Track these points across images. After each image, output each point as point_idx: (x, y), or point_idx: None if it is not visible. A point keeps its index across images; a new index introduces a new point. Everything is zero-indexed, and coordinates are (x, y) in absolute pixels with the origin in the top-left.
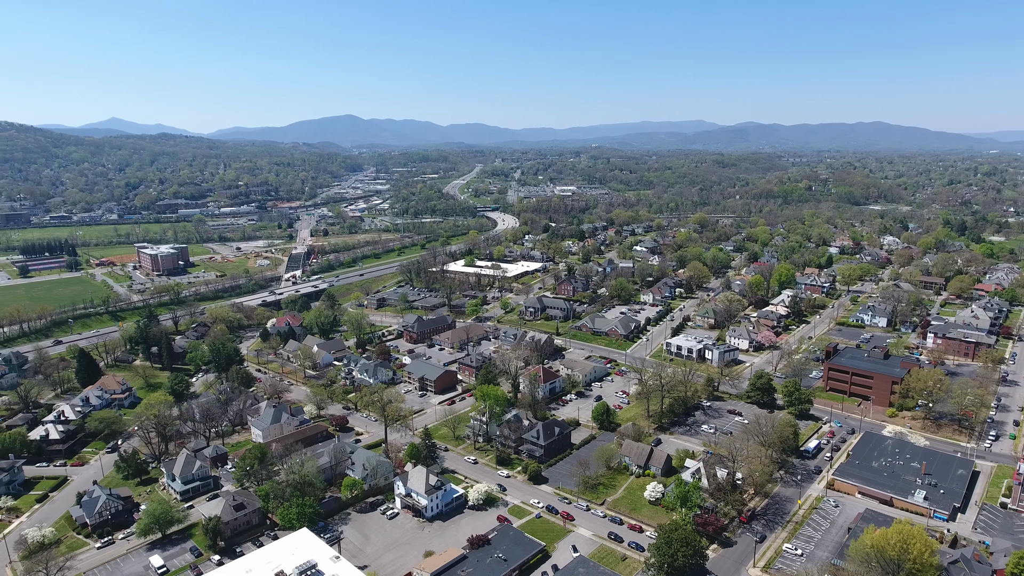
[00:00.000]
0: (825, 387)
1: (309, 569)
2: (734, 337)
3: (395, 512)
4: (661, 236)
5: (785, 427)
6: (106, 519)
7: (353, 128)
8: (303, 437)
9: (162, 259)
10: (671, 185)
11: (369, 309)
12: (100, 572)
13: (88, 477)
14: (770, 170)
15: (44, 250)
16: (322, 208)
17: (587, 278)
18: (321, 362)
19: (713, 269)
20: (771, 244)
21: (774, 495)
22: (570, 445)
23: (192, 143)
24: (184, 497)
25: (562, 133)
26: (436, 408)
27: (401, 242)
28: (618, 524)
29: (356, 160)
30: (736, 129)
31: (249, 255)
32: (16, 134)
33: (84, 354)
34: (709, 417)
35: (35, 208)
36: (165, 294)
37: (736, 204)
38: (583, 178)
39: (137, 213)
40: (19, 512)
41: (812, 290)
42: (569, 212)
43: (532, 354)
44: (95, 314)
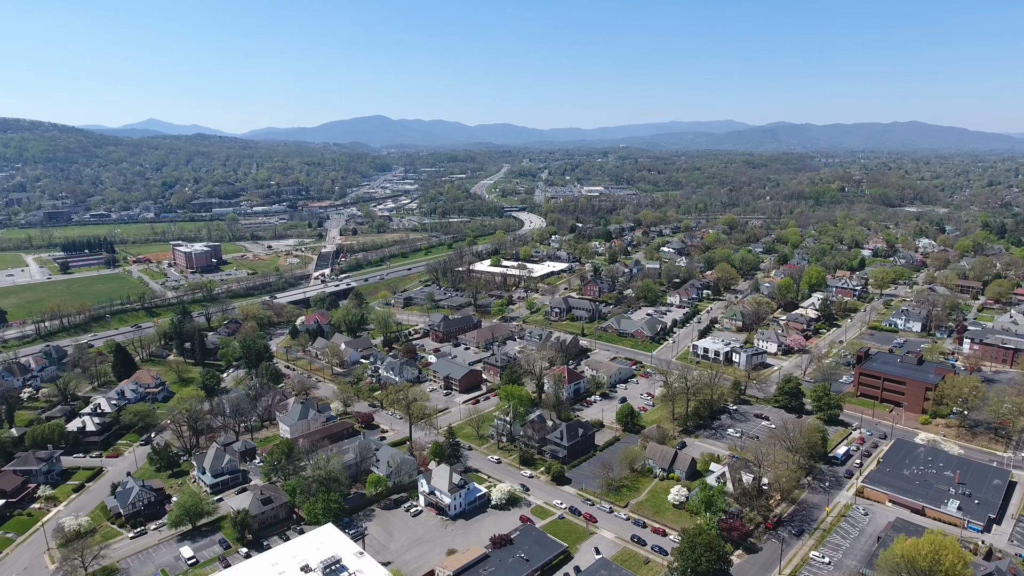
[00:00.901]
0: (856, 392)
1: (333, 564)
2: (762, 340)
3: (419, 510)
4: (689, 237)
5: (813, 432)
6: (139, 510)
7: (382, 128)
8: (329, 433)
9: (196, 257)
10: (700, 186)
11: (396, 308)
12: (133, 561)
13: (122, 468)
14: (801, 171)
15: (84, 247)
16: (351, 207)
17: (613, 279)
18: (348, 360)
19: (741, 271)
20: (802, 246)
21: (801, 501)
22: (594, 446)
23: (226, 143)
24: (214, 490)
25: (590, 133)
26: (460, 407)
27: (428, 241)
28: (641, 527)
29: (385, 160)
30: (767, 129)
31: (280, 253)
32: (59, 134)
33: (120, 349)
34: (735, 421)
35: (76, 206)
36: (198, 291)
37: (766, 205)
38: (611, 178)
39: (173, 212)
40: (57, 501)
41: (843, 293)
42: (596, 212)
43: (557, 355)
44: (131, 310)
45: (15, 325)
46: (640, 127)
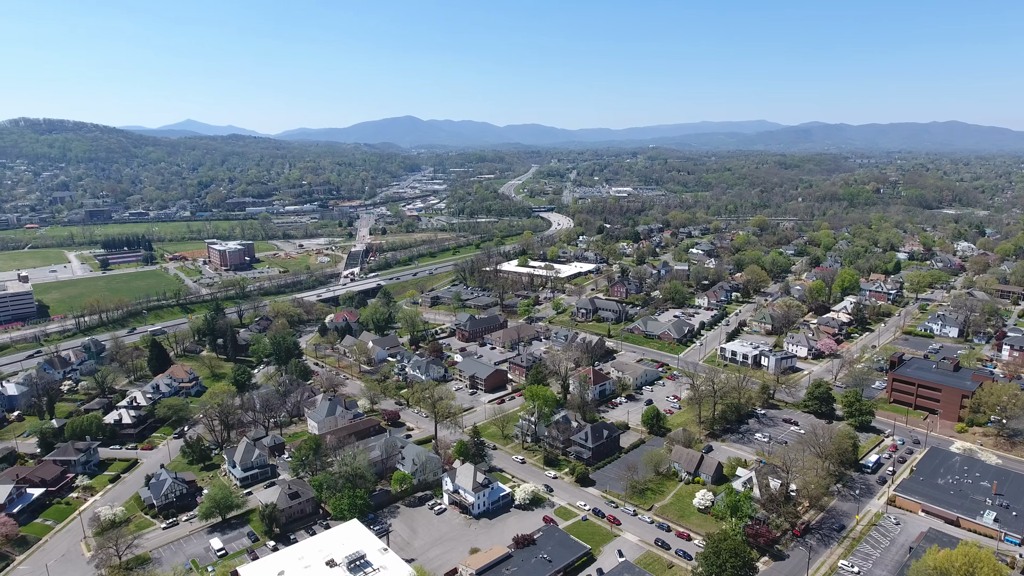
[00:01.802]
0: (889, 399)
1: (358, 559)
2: (792, 344)
3: (443, 508)
4: (718, 239)
5: (844, 439)
6: (171, 501)
7: (412, 129)
8: (356, 430)
9: (230, 255)
10: (730, 187)
11: (423, 307)
12: (164, 551)
13: (156, 461)
14: (835, 172)
15: (123, 245)
16: (381, 207)
17: (641, 280)
18: (376, 358)
19: (772, 273)
20: (834, 248)
21: (830, 509)
22: (618, 448)
23: (260, 144)
24: (243, 484)
25: (619, 134)
26: (486, 406)
27: (456, 241)
28: (665, 531)
29: (415, 160)
30: (800, 129)
31: (310, 252)
32: (100, 135)
33: (156, 344)
34: (763, 425)
35: (116, 205)
36: (231, 288)
37: (798, 207)
38: (639, 179)
39: (208, 210)
40: (94, 491)
41: (877, 297)
42: (624, 213)
43: (583, 355)
44: (167, 306)
45: (57, 319)
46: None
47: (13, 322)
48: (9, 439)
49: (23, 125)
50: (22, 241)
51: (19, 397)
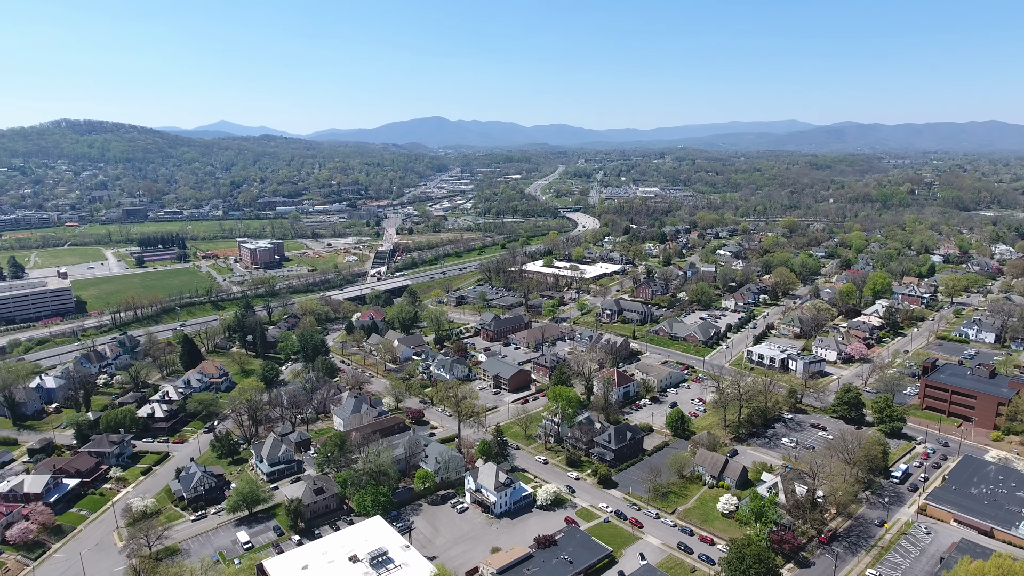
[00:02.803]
0: (921, 405)
1: (380, 556)
2: (821, 347)
3: (465, 506)
4: (746, 240)
5: (874, 445)
6: (200, 494)
7: (440, 129)
8: (381, 428)
9: (260, 253)
10: (759, 187)
11: (448, 306)
12: (193, 543)
13: (186, 454)
14: (868, 172)
15: (158, 243)
16: (408, 207)
17: (667, 282)
18: (401, 356)
19: (801, 276)
20: (866, 251)
21: (858, 516)
22: (642, 451)
23: (291, 144)
24: (270, 478)
25: (647, 134)
26: (509, 406)
27: (482, 241)
28: (688, 535)
29: (442, 160)
30: (832, 129)
31: (338, 251)
32: (138, 136)
33: (188, 340)
34: (790, 430)
35: (152, 204)
36: (261, 286)
37: (829, 208)
38: (667, 180)
39: (240, 210)
40: (127, 482)
41: (910, 301)
42: (651, 214)
43: (607, 357)
44: (199, 303)
45: (94, 315)
46: (698, 127)
47: (52, 317)
48: (47, 430)
49: (64, 126)
50: (62, 239)
51: (57, 390)
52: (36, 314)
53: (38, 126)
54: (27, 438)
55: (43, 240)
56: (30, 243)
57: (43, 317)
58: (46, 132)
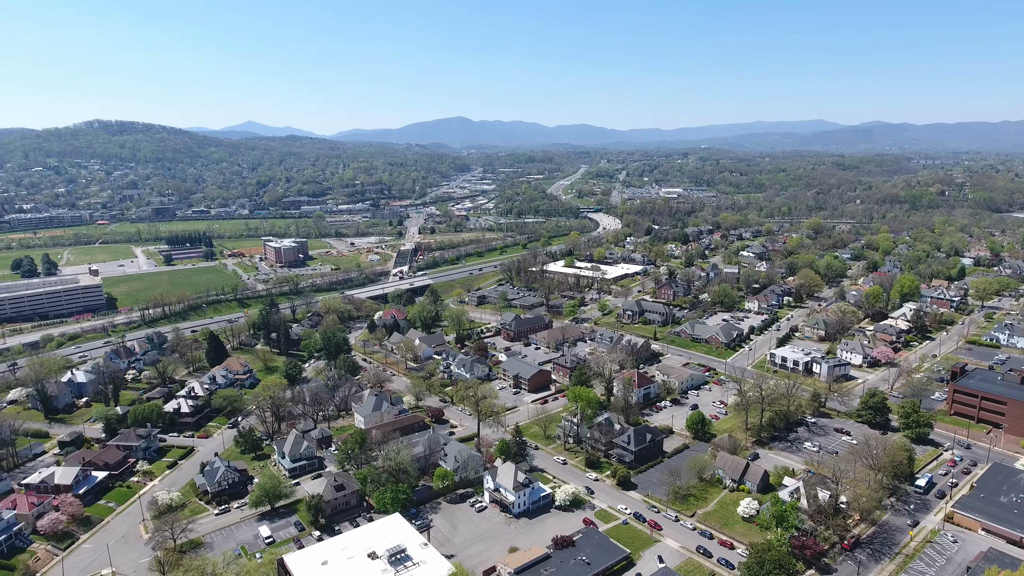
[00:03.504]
0: (949, 411)
1: (399, 553)
2: (846, 351)
3: (483, 505)
4: (770, 241)
5: (899, 451)
6: (224, 489)
7: (463, 129)
8: (401, 426)
9: (284, 252)
10: (784, 188)
11: (469, 306)
12: (216, 537)
13: (211, 449)
14: (897, 173)
15: (186, 241)
16: (431, 207)
17: (689, 283)
18: (422, 355)
19: (826, 278)
20: (894, 253)
21: (882, 523)
22: (662, 453)
23: (316, 144)
24: (292, 474)
25: (670, 134)
26: (529, 406)
27: (504, 241)
28: (708, 538)
29: (465, 160)
30: (860, 129)
31: (361, 250)
32: (167, 136)
33: (213, 337)
34: (813, 434)
35: (180, 203)
36: (285, 284)
37: (856, 209)
38: (690, 180)
39: (265, 209)
40: (153, 476)
41: (939, 304)
42: (674, 215)
43: (628, 358)
44: (225, 300)
45: (124, 311)
46: (722, 127)
47: (84, 313)
48: (77, 423)
49: (97, 126)
50: (94, 236)
51: (87, 384)
52: (68, 310)
53: (72, 127)
54: (58, 431)
55: (75, 238)
56: (63, 241)
57: (75, 313)
58: (79, 132)
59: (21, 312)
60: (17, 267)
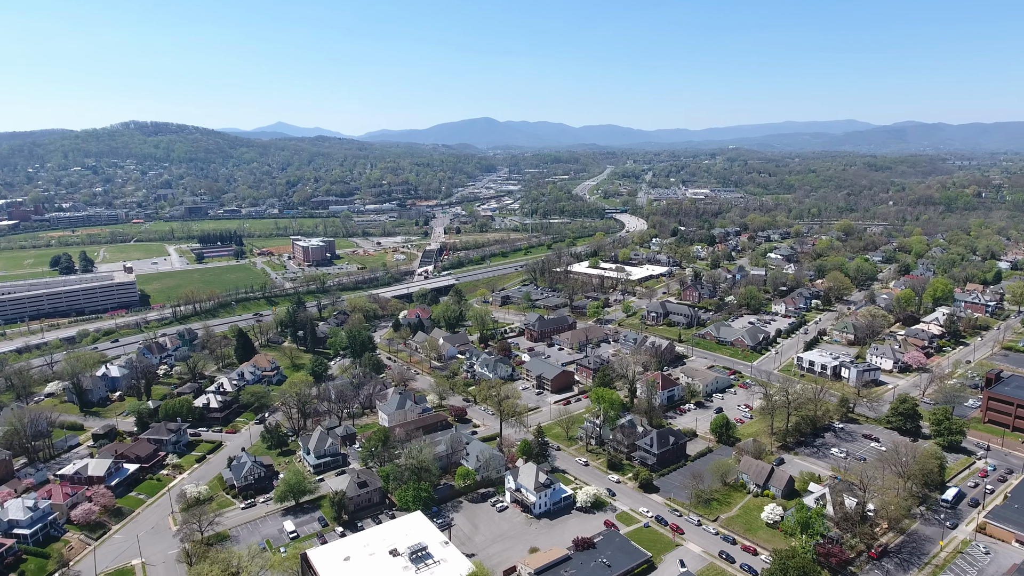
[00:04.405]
0: (983, 419)
1: (420, 551)
2: (876, 356)
3: (504, 505)
4: (799, 243)
5: (930, 459)
6: (250, 483)
7: (489, 130)
8: (424, 424)
9: (312, 251)
10: (814, 189)
11: (493, 306)
12: (242, 530)
13: (238, 444)
14: (931, 174)
15: (217, 240)
16: (456, 207)
17: (714, 285)
18: (445, 354)
19: (856, 281)
20: (927, 256)
21: (911, 533)
22: (685, 456)
23: (344, 144)
24: (316, 470)
25: (697, 134)
26: (551, 407)
27: (528, 241)
28: (731, 543)
29: (490, 161)
30: (893, 129)
31: (387, 250)
32: (200, 137)
33: (242, 334)
34: (840, 440)
35: (212, 202)
36: (313, 283)
37: (888, 211)
38: (717, 181)
39: (294, 208)
40: (182, 469)
41: (974, 308)
42: (700, 216)
43: (651, 360)
44: (254, 298)
45: (156, 308)
46: (751, 127)
47: (118, 309)
48: (111, 417)
49: (133, 127)
50: (129, 235)
51: (121, 379)
52: (104, 306)
53: (109, 127)
54: (92, 424)
55: (111, 236)
56: (100, 239)
57: (110, 309)
58: (116, 133)
59: (59, 308)
60: (56, 264)
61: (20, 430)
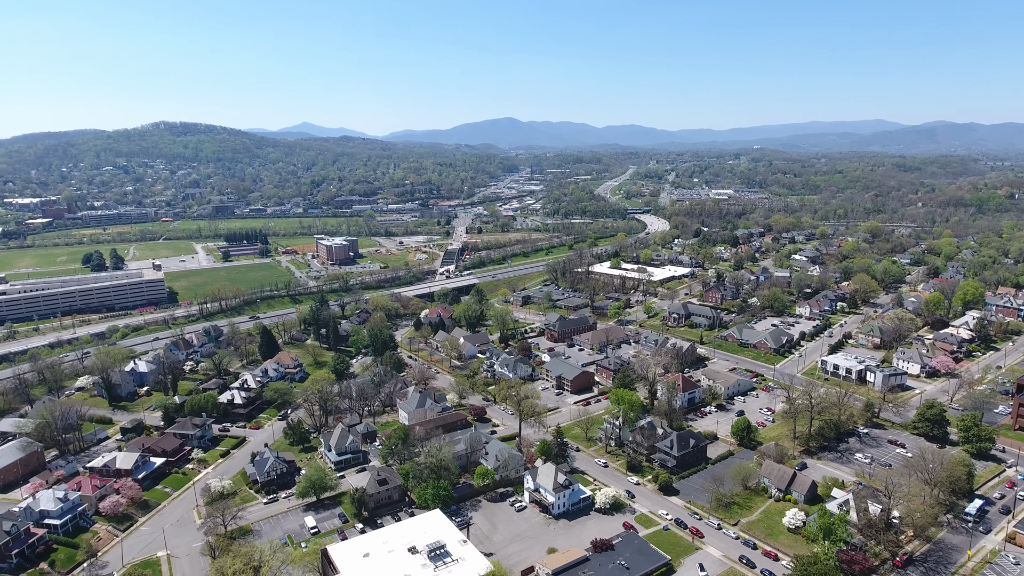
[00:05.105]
0: (1013, 425)
1: (438, 549)
2: (903, 360)
3: (523, 505)
4: (824, 245)
5: (957, 466)
6: (272, 479)
7: (512, 130)
8: (443, 423)
9: (335, 250)
10: (841, 190)
11: (514, 306)
12: (264, 525)
13: (261, 440)
14: (962, 175)
15: (243, 238)
16: (478, 207)
17: (737, 286)
18: (466, 353)
19: (883, 283)
20: (957, 258)
21: (937, 541)
22: (705, 459)
23: (368, 145)
24: (337, 467)
25: (721, 134)
26: (571, 408)
27: (550, 242)
28: (751, 548)
29: (513, 161)
30: (923, 129)
31: (410, 249)
32: (228, 137)
33: (266, 331)
34: (865, 445)
35: (238, 201)
36: (336, 282)
37: (917, 212)
38: (741, 181)
39: (319, 207)
40: (207, 464)
41: (1005, 313)
42: (723, 216)
43: (672, 361)
44: (278, 296)
45: (183, 305)
46: (776, 128)
47: (147, 306)
48: (139, 411)
49: (163, 128)
50: (158, 233)
51: (149, 374)
52: (133, 303)
53: (140, 128)
54: (120, 418)
55: (141, 234)
56: (130, 237)
57: (139, 306)
58: (147, 133)
59: (90, 304)
60: (87, 261)
61: (52, 423)
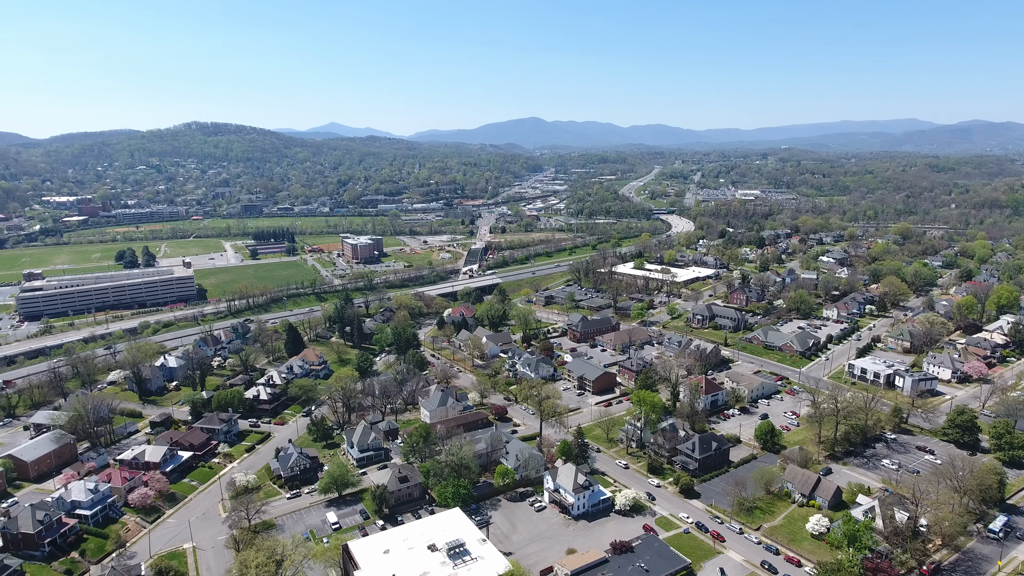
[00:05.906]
0: None
1: (458, 547)
2: (933, 364)
3: (542, 505)
4: (853, 247)
5: (988, 474)
6: (296, 474)
7: (537, 130)
8: (465, 422)
9: (360, 249)
10: (871, 191)
11: (537, 305)
12: (287, 520)
13: (285, 436)
14: (998, 175)
15: (270, 237)
16: (502, 206)
17: (763, 288)
18: (488, 353)
19: (913, 286)
20: (991, 261)
21: (967, 550)
22: (727, 462)
23: (393, 144)
24: (359, 464)
25: (749, 134)
26: (592, 408)
27: (573, 242)
28: (773, 554)
29: (537, 161)
30: (957, 128)
31: (434, 248)
32: (257, 137)
33: (292, 328)
34: (892, 451)
35: (266, 200)
36: (360, 280)
37: (950, 214)
38: (768, 182)
39: (344, 207)
40: (232, 458)
41: None
42: (750, 217)
43: (696, 363)
44: (304, 294)
45: (212, 302)
46: (805, 127)
47: (177, 303)
48: (167, 406)
49: (194, 128)
50: (188, 231)
51: (178, 369)
52: (164, 299)
53: (172, 128)
54: (150, 412)
55: (172, 232)
56: (161, 235)
57: (169, 302)
58: (179, 134)
59: (122, 300)
60: (120, 258)
61: (84, 416)
